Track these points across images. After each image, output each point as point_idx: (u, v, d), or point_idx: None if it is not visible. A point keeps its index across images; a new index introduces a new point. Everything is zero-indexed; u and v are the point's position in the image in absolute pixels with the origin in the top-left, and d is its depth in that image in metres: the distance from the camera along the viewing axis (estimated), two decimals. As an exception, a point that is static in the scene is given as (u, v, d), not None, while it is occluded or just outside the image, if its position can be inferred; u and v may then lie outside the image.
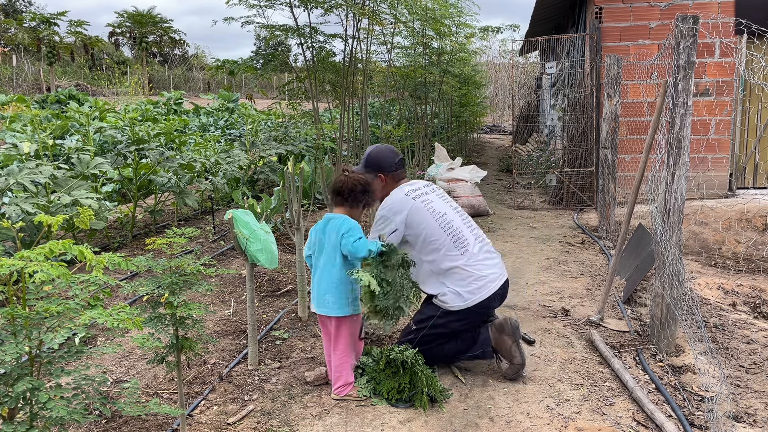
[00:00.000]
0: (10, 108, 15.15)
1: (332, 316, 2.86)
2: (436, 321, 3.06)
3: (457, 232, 3.11)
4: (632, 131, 7.36)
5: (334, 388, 2.88)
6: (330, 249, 2.87)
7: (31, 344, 1.78)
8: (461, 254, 3.06)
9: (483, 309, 3.08)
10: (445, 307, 3.05)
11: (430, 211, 3.12)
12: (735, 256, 5.56)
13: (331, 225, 2.90)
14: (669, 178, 3.22)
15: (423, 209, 3.11)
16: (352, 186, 2.94)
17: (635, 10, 7.39)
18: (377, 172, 3.23)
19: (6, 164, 5.50)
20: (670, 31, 3.26)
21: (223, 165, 6.70)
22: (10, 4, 37.85)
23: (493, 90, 25.84)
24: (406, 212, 3.08)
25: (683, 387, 2.98)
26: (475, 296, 3.02)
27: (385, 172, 3.24)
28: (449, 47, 7.97)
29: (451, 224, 3.12)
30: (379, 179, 3.24)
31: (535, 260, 5.37)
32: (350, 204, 2.95)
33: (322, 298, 2.88)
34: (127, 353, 3.44)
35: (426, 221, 3.08)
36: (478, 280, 3.04)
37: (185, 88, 36.02)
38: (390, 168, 3.25)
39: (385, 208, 3.15)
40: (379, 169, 3.24)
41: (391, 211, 3.11)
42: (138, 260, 2.18)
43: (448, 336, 3.10)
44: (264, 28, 4.53)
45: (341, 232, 2.83)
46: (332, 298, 2.84)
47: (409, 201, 3.12)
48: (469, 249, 3.09)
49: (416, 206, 3.11)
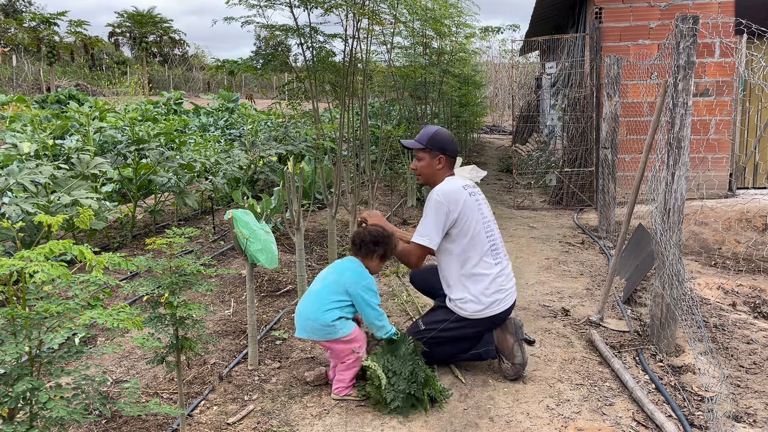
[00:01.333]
0: (10, 108, 15.15)
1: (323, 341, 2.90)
2: (448, 325, 3.06)
3: (496, 242, 3.10)
4: (632, 131, 7.36)
5: (334, 388, 2.89)
6: (331, 281, 2.92)
7: (31, 344, 1.78)
8: (495, 264, 3.05)
9: (497, 321, 3.08)
10: (461, 313, 3.04)
11: (480, 212, 3.07)
12: (735, 256, 5.56)
13: (352, 267, 2.93)
14: (669, 178, 3.22)
15: (475, 208, 3.06)
16: (363, 237, 2.97)
17: (635, 10, 7.39)
18: (440, 152, 3.14)
19: (6, 164, 5.50)
20: (670, 31, 3.26)
21: (223, 165, 6.70)
22: (10, 4, 37.84)
23: (493, 90, 25.84)
24: (462, 204, 3.01)
25: (683, 387, 2.98)
26: (495, 308, 3.02)
27: (447, 155, 3.16)
28: (449, 47, 7.96)
29: (493, 232, 3.10)
30: (438, 161, 3.15)
31: (535, 260, 5.37)
32: (363, 254, 2.98)
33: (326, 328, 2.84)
34: (127, 353, 3.44)
35: (475, 221, 3.03)
36: (501, 292, 3.04)
37: (185, 88, 36.02)
38: (452, 153, 3.18)
39: (441, 194, 3.04)
40: (443, 150, 3.14)
41: (447, 199, 3.01)
42: (138, 260, 2.18)
43: (456, 339, 3.10)
44: (264, 28, 4.52)
45: (363, 283, 2.88)
46: (341, 325, 2.85)
47: (465, 194, 3.06)
48: (502, 261, 3.09)
49: (470, 202, 3.06)
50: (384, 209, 7.50)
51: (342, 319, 2.85)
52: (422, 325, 3.12)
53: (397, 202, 8.04)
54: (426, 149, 3.15)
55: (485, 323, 3.06)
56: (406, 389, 2.73)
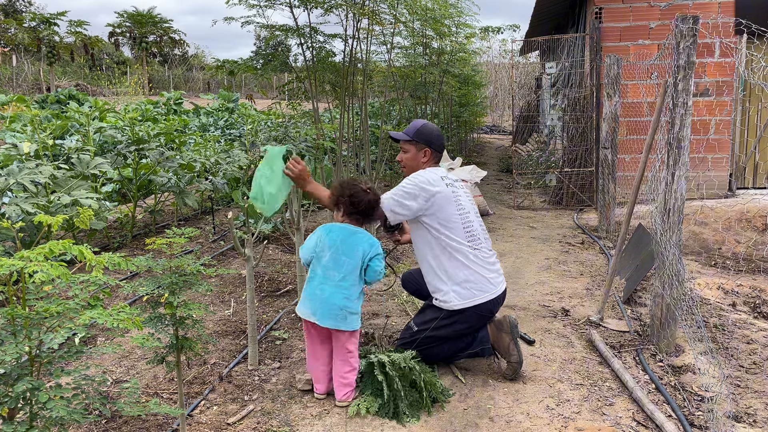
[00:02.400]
0: (10, 108, 15.15)
1: (346, 330, 2.80)
2: (439, 323, 3.05)
3: (474, 233, 3.09)
4: (632, 131, 7.36)
5: (342, 395, 2.81)
6: (351, 267, 2.80)
7: (31, 344, 1.78)
8: (473, 252, 3.04)
9: (485, 312, 3.07)
10: (446, 307, 3.04)
11: (456, 204, 3.07)
12: (735, 256, 5.56)
13: (357, 242, 2.84)
14: (669, 178, 3.22)
15: (452, 199, 3.06)
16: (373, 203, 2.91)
17: (635, 10, 7.39)
18: (425, 145, 3.16)
19: (6, 164, 5.49)
20: (670, 31, 3.26)
21: (223, 165, 6.69)
22: (10, 4, 37.85)
23: (493, 90, 25.83)
24: (436, 193, 3.01)
25: (683, 387, 2.98)
26: (479, 297, 3.01)
27: (432, 148, 3.18)
28: (449, 47, 7.97)
29: (471, 225, 3.10)
30: (423, 153, 3.17)
31: (535, 260, 5.36)
32: (369, 219, 2.95)
33: (346, 316, 2.77)
34: (127, 353, 3.44)
35: (451, 212, 3.03)
36: (482, 282, 3.03)
37: (185, 88, 36.03)
38: (438, 147, 3.19)
39: (417, 178, 3.05)
40: (429, 143, 3.17)
41: (423, 183, 3.02)
42: (138, 260, 2.18)
43: (450, 337, 3.10)
44: (264, 28, 4.52)
45: (371, 254, 2.82)
46: (354, 317, 2.80)
47: (443, 184, 3.06)
48: (480, 253, 3.08)
49: (447, 193, 3.05)
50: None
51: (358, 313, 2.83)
52: (414, 326, 3.12)
53: (397, 202, 8.03)
54: (412, 141, 3.18)
55: (474, 316, 3.05)
56: (407, 396, 2.72)
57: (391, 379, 2.76)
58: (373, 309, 4.11)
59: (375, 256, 2.83)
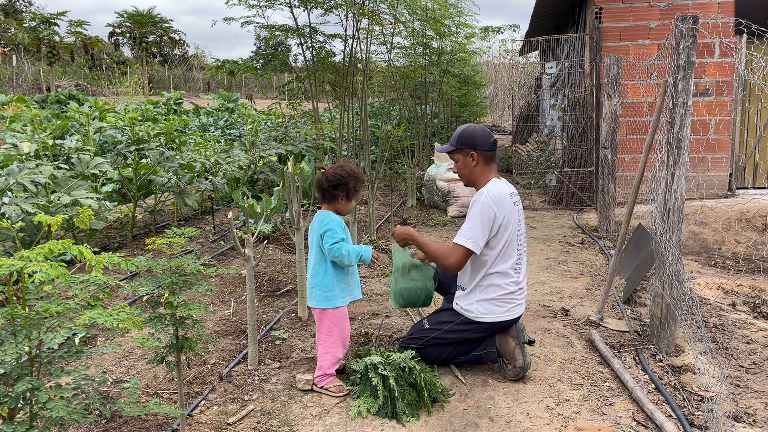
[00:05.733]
0: (10, 108, 15.15)
1: (316, 308, 2.97)
2: (453, 327, 3.06)
3: (522, 256, 3.08)
4: (632, 131, 7.36)
5: (315, 376, 2.96)
6: (314, 245, 2.97)
7: (31, 344, 1.78)
8: (515, 278, 3.03)
9: (501, 328, 3.08)
10: (467, 315, 3.04)
11: (518, 223, 3.03)
12: (735, 256, 5.56)
13: (316, 221, 2.99)
14: (669, 178, 3.22)
15: (515, 219, 3.00)
16: (321, 183, 2.99)
17: (635, 10, 7.39)
18: (470, 149, 3.05)
19: (6, 164, 5.50)
20: (670, 31, 3.26)
21: (223, 165, 6.70)
22: (10, 4, 37.84)
23: (493, 90, 25.81)
24: (507, 212, 2.94)
25: (683, 387, 2.98)
26: (499, 316, 3.02)
27: (479, 150, 3.05)
28: (449, 47, 7.97)
29: (522, 246, 3.07)
30: (471, 157, 3.06)
31: (535, 260, 5.37)
32: (328, 200, 3.02)
33: (310, 290, 2.99)
34: (127, 353, 3.44)
35: (509, 232, 2.97)
36: (512, 303, 3.04)
37: (185, 88, 36.02)
38: (484, 147, 3.05)
39: (489, 197, 2.95)
40: (473, 146, 3.05)
41: (495, 202, 2.93)
42: (138, 260, 2.18)
43: (458, 342, 3.10)
44: (264, 28, 4.53)
45: (321, 231, 2.92)
46: (318, 292, 2.95)
47: (510, 204, 2.99)
48: (521, 275, 3.08)
49: (513, 212, 2.99)
50: (384, 209, 7.50)
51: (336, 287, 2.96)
52: (427, 324, 3.13)
53: (397, 202, 8.04)
54: (457, 150, 3.10)
55: (490, 329, 3.06)
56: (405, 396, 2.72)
57: (386, 379, 2.76)
58: (373, 309, 4.11)
59: (324, 233, 2.90)
